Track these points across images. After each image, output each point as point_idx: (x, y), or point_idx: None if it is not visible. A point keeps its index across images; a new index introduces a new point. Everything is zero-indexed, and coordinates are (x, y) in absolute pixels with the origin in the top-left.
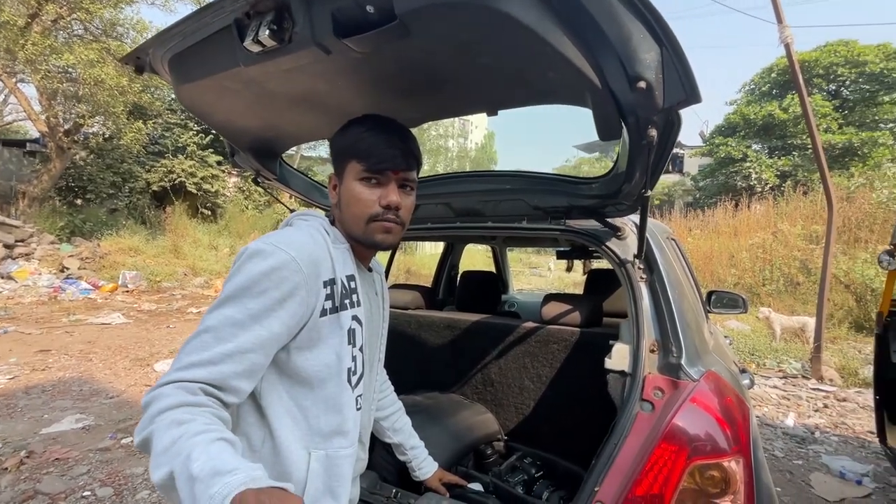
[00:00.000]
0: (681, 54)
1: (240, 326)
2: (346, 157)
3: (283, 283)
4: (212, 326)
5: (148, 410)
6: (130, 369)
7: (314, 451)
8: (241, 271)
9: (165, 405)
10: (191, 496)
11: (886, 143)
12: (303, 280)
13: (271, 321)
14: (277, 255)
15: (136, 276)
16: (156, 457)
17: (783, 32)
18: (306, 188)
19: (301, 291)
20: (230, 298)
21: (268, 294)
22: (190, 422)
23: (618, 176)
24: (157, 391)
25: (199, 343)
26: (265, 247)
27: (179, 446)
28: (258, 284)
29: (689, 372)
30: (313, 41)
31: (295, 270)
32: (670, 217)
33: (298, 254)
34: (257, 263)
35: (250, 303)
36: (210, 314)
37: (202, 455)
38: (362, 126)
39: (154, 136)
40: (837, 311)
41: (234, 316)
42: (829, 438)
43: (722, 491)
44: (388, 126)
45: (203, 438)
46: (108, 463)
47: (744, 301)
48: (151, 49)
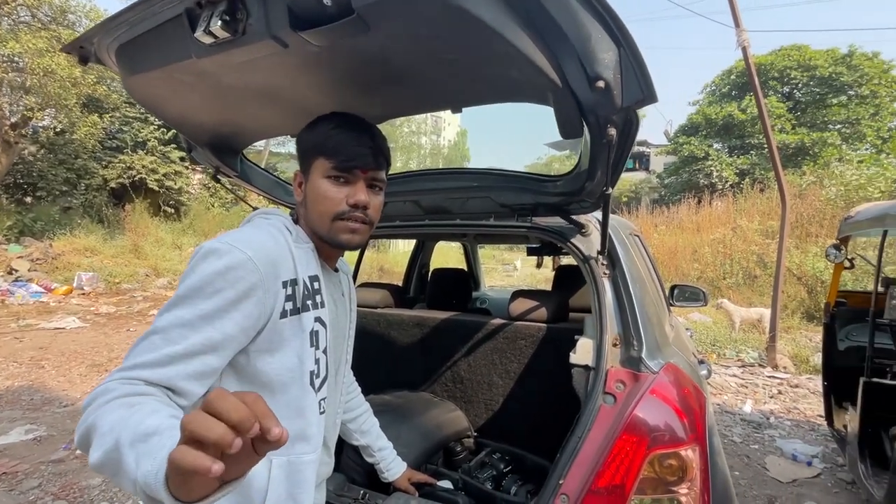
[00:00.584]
0: (638, 55)
1: (190, 328)
2: (314, 154)
3: (238, 283)
4: (161, 327)
5: (91, 405)
6: (87, 376)
7: (275, 458)
8: (194, 271)
9: (112, 396)
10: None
11: (835, 143)
12: (259, 280)
13: (224, 322)
14: (233, 255)
15: (93, 277)
16: (99, 437)
17: (740, 36)
18: (269, 185)
19: (257, 292)
20: (182, 299)
21: (221, 294)
22: (142, 403)
23: (580, 174)
24: (101, 388)
25: (147, 345)
26: (220, 245)
27: (128, 421)
28: (211, 284)
29: (649, 364)
30: (269, 34)
31: (251, 270)
32: (637, 214)
33: (255, 253)
34: (211, 263)
35: (202, 303)
36: (161, 315)
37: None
38: (331, 123)
39: (111, 130)
40: (791, 303)
41: (185, 317)
42: (783, 423)
43: (679, 478)
44: (357, 124)
45: (157, 414)
46: (62, 475)
47: (704, 294)
48: (97, 38)
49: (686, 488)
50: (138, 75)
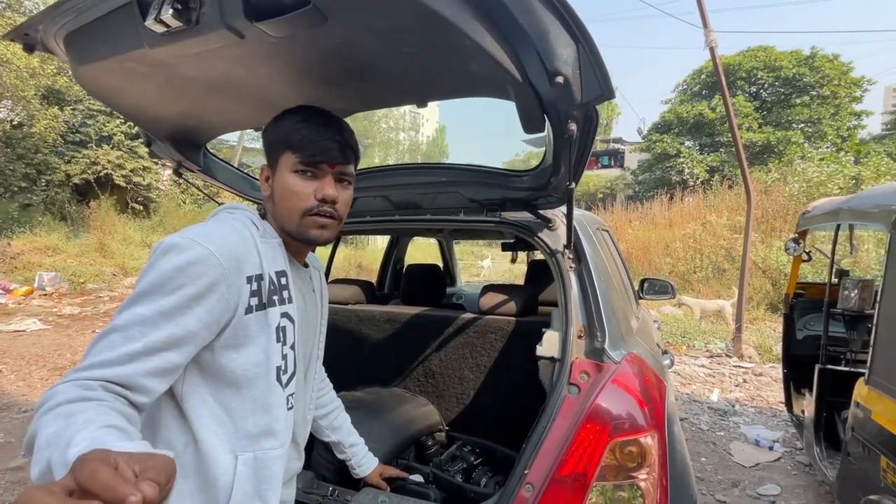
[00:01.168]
0: (596, 52)
1: (150, 325)
2: (280, 147)
3: (200, 279)
4: (120, 325)
5: (38, 411)
6: (48, 380)
7: (241, 454)
8: (154, 267)
9: (56, 402)
10: None
11: (798, 141)
12: (222, 275)
13: (186, 319)
14: (194, 249)
15: (56, 277)
16: (37, 451)
17: (708, 36)
18: (235, 180)
19: (220, 287)
20: (141, 296)
21: (182, 290)
22: (79, 413)
23: (546, 169)
24: (52, 391)
25: (105, 343)
26: (181, 240)
27: (62, 437)
28: (172, 280)
29: (611, 355)
30: (223, 23)
31: (213, 265)
32: (612, 210)
33: (217, 248)
34: (172, 258)
35: (163, 300)
36: (120, 313)
37: (83, 441)
38: (297, 116)
39: (74, 123)
40: (756, 295)
41: (145, 314)
42: (747, 410)
43: (639, 465)
44: (324, 117)
45: (89, 426)
46: (21, 484)
47: (672, 287)
48: (42, 25)
49: (645, 474)
50: (89, 65)
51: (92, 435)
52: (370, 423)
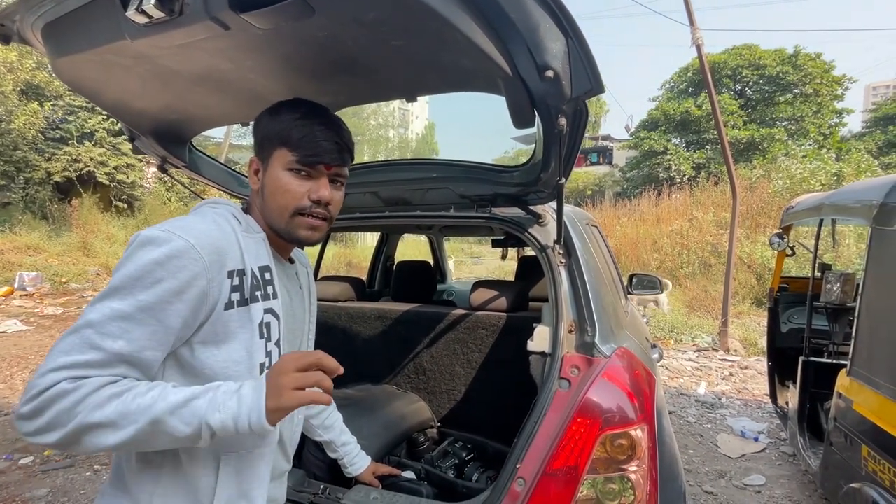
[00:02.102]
0: (586, 46)
1: (131, 321)
2: (276, 142)
3: (181, 273)
4: (95, 321)
5: (53, 408)
6: None
7: (224, 454)
8: (131, 259)
9: (83, 393)
10: (183, 418)
11: (782, 138)
12: (203, 269)
13: (167, 315)
14: (173, 243)
15: (37, 277)
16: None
17: (694, 34)
18: (222, 176)
19: (201, 281)
20: (118, 290)
21: (162, 285)
22: (130, 389)
23: (536, 164)
24: (53, 391)
25: (79, 339)
26: (160, 233)
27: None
28: (151, 274)
29: (602, 349)
30: (207, 14)
31: (194, 259)
32: (601, 206)
33: (198, 241)
34: (150, 251)
35: (142, 294)
36: (92, 307)
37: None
38: (296, 112)
39: (54, 120)
40: (742, 289)
41: (123, 309)
42: (733, 402)
43: (629, 457)
44: (324, 116)
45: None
46: (4, 487)
47: (660, 282)
48: (18, 15)
49: (635, 466)
50: (67, 57)
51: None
52: (361, 420)
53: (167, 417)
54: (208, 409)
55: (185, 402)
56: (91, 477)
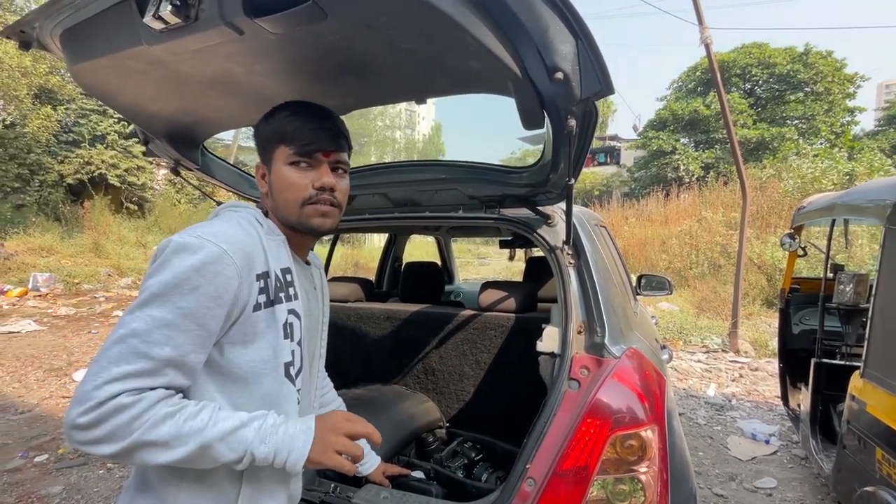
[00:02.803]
0: (595, 47)
1: (174, 328)
2: (273, 142)
3: (217, 278)
4: (140, 330)
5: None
6: (45, 381)
7: None
8: (166, 267)
9: (140, 410)
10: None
11: (792, 138)
12: (236, 274)
13: (208, 320)
14: (207, 249)
15: (50, 278)
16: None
17: (703, 33)
18: (233, 178)
19: (234, 285)
20: (157, 297)
21: (200, 290)
22: (182, 408)
23: (545, 165)
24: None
25: (126, 349)
26: (192, 240)
27: (195, 425)
28: (189, 281)
29: (611, 350)
30: (222, 20)
31: (228, 264)
32: (609, 207)
33: (230, 246)
34: (186, 258)
35: (181, 301)
36: (132, 315)
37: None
38: (287, 110)
39: (67, 123)
40: (752, 290)
41: (165, 317)
42: (744, 404)
43: (639, 458)
44: (313, 109)
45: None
46: (19, 485)
47: (669, 283)
48: (38, 22)
49: (646, 467)
50: (85, 62)
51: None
52: (371, 419)
53: (216, 443)
54: (255, 440)
55: (234, 429)
56: (104, 475)
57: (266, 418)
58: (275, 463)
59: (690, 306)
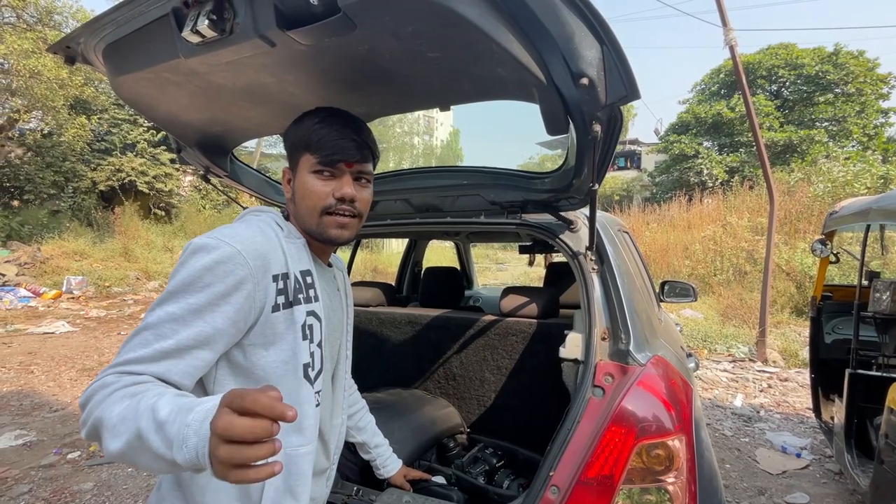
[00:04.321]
0: (621, 53)
1: (181, 322)
2: (299, 149)
3: (228, 277)
4: (152, 323)
5: (92, 400)
6: (77, 380)
7: None
8: (184, 266)
9: (112, 389)
10: (163, 440)
11: (822, 140)
12: (248, 274)
13: (215, 316)
14: (221, 249)
15: (83, 281)
16: (112, 427)
17: (728, 35)
18: (260, 185)
19: (247, 285)
20: (172, 294)
21: (211, 288)
22: (145, 391)
23: (568, 171)
24: (97, 383)
25: (138, 341)
26: (209, 241)
27: (140, 408)
28: (201, 279)
29: (636, 357)
30: (256, 33)
31: (240, 264)
32: (629, 212)
33: (244, 247)
34: (201, 258)
35: (192, 298)
36: (151, 311)
37: (167, 405)
38: (315, 118)
39: (99, 132)
40: (780, 298)
41: (175, 312)
42: (773, 416)
43: (666, 468)
44: (340, 117)
45: (165, 396)
46: (53, 480)
47: (694, 290)
48: (83, 38)
49: (673, 477)
50: (126, 75)
51: (174, 401)
52: (392, 424)
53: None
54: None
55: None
56: (132, 473)
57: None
58: None
59: (715, 314)
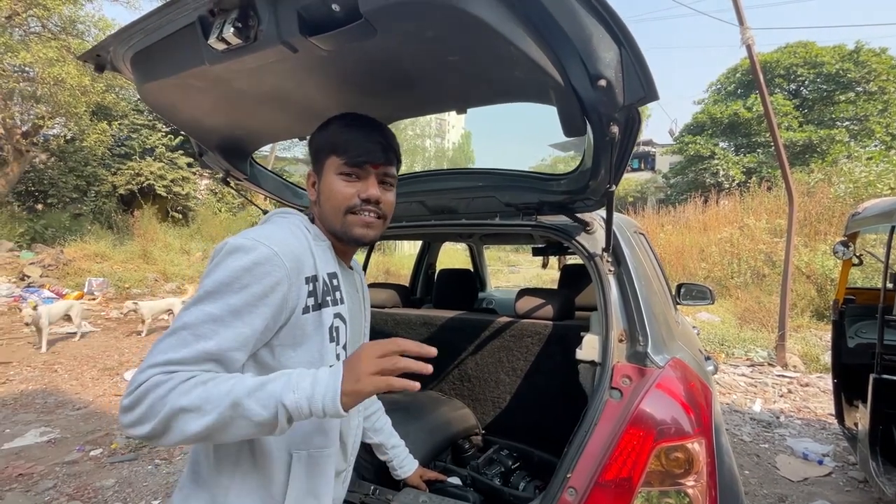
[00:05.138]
0: (639, 54)
1: (220, 323)
2: (325, 152)
3: (266, 278)
4: (190, 323)
5: (148, 398)
6: (98, 379)
7: (295, 452)
8: (220, 266)
9: (172, 385)
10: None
11: (843, 140)
12: (285, 275)
13: (253, 317)
14: (259, 250)
15: (104, 282)
16: (197, 408)
17: (744, 34)
18: (278, 188)
19: (283, 286)
20: (210, 294)
21: (249, 289)
22: (214, 378)
23: (584, 172)
24: (149, 382)
25: (176, 340)
26: (246, 241)
27: (222, 389)
28: (239, 280)
29: (654, 359)
30: (279, 39)
31: (277, 265)
32: (643, 213)
33: (281, 248)
34: (238, 258)
35: (231, 298)
36: (188, 310)
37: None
38: (341, 121)
39: (120, 137)
40: (800, 301)
41: (214, 312)
42: (794, 422)
43: (686, 471)
44: (366, 121)
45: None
46: (76, 476)
47: (711, 293)
48: (112, 47)
49: (693, 480)
50: (152, 82)
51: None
52: (407, 425)
53: (245, 400)
54: (283, 390)
55: (262, 384)
56: (152, 470)
57: (291, 372)
58: (312, 410)
59: (732, 317)
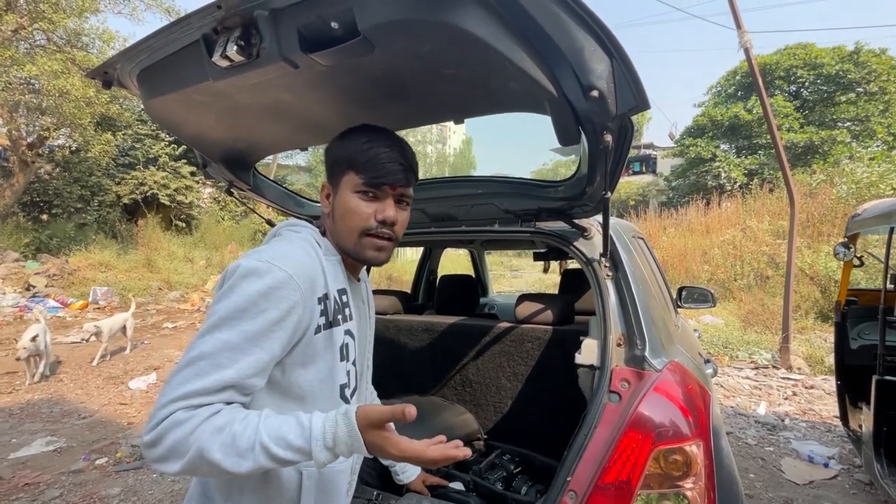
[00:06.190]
0: (629, 65)
1: (238, 351)
2: (344, 167)
3: (282, 303)
4: (207, 353)
5: (169, 437)
6: (104, 388)
7: (305, 469)
8: (234, 291)
9: (196, 422)
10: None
11: (844, 140)
12: (300, 298)
13: (272, 342)
14: (274, 274)
15: (108, 291)
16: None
17: (742, 38)
18: (281, 197)
19: (298, 309)
20: (225, 321)
21: (266, 315)
22: (236, 417)
23: (581, 179)
24: (169, 420)
25: (193, 371)
26: (260, 264)
27: (248, 435)
28: (256, 305)
29: (652, 363)
30: (280, 56)
31: (293, 289)
32: (645, 217)
33: (295, 271)
34: (253, 283)
35: (247, 325)
36: (202, 339)
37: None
38: (363, 136)
39: (124, 147)
40: (804, 303)
41: (231, 340)
42: (798, 425)
43: (684, 473)
44: (388, 139)
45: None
46: (82, 485)
47: (712, 295)
48: (119, 64)
49: (691, 483)
50: (158, 97)
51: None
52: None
53: (271, 445)
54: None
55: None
56: (157, 479)
57: (312, 416)
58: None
59: (736, 319)
